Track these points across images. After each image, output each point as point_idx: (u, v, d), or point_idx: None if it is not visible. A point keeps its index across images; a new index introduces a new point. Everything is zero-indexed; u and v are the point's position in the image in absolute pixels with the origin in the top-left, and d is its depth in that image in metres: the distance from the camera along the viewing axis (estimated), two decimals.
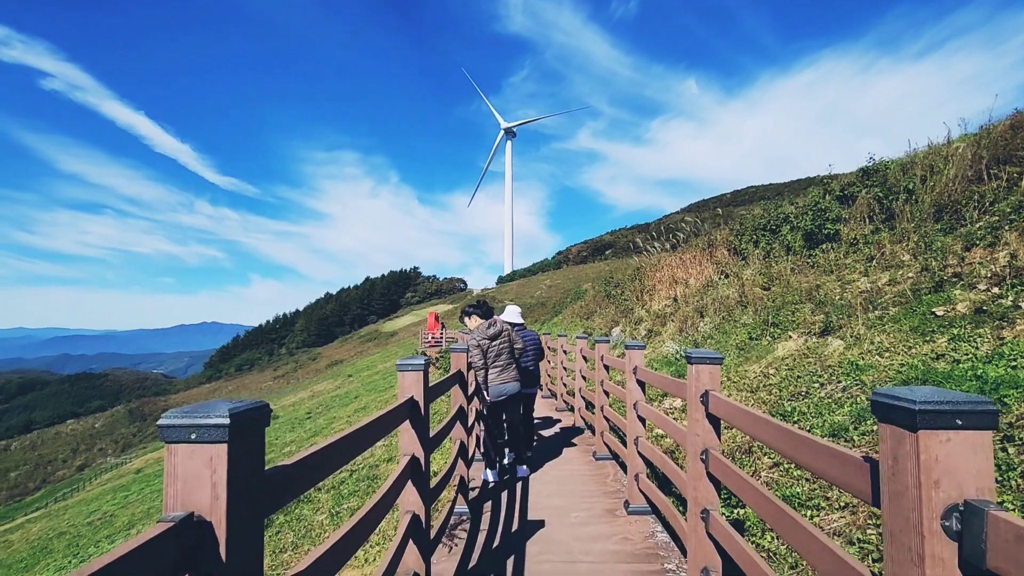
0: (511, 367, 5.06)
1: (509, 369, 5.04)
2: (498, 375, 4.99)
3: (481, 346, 4.96)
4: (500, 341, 5.03)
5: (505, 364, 5.03)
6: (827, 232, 8.61)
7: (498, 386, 5.01)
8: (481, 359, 4.98)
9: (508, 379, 5.02)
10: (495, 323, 5.10)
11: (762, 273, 8.95)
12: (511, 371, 5.05)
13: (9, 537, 19.61)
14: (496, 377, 4.99)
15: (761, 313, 7.52)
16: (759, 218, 11.05)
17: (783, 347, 6.02)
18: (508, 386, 5.01)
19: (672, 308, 10.25)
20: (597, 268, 57.24)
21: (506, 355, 5.04)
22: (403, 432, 2.56)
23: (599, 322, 13.48)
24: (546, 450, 6.06)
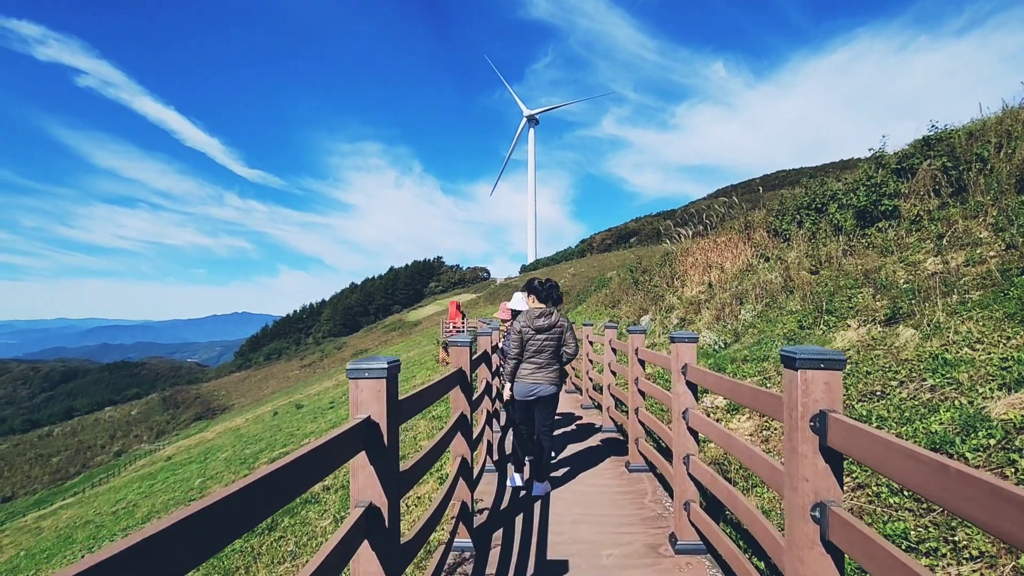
0: (551, 367, 4.30)
1: (547, 369, 4.28)
2: (531, 372, 4.27)
3: (523, 334, 4.24)
4: (548, 337, 4.27)
5: (545, 362, 4.29)
6: (884, 209, 7.72)
7: (528, 384, 4.27)
8: (518, 349, 4.27)
9: (541, 379, 4.26)
10: (551, 314, 4.30)
11: (809, 255, 8.11)
12: (549, 372, 4.28)
13: (41, 524, 20.05)
14: (529, 374, 4.27)
15: (811, 299, 6.73)
16: (802, 197, 10.16)
17: (842, 337, 5.26)
18: (539, 387, 4.26)
19: (706, 295, 9.48)
20: (622, 256, 56.15)
21: (548, 354, 4.28)
22: (355, 471, 1.74)
23: (626, 310, 12.76)
24: (570, 457, 5.35)
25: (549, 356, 4.29)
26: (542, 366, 4.26)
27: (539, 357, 4.27)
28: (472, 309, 57.18)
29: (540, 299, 4.43)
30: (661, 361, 3.64)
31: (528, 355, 4.27)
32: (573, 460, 5.24)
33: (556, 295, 4.49)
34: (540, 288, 4.47)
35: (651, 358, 4.13)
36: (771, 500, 3.49)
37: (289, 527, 6.04)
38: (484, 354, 4.62)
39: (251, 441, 22.39)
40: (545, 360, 4.28)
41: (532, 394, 4.27)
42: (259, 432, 25.19)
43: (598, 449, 5.61)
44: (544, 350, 4.26)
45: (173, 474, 20.46)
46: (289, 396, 44.32)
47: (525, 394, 4.29)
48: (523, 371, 4.28)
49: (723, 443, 2.55)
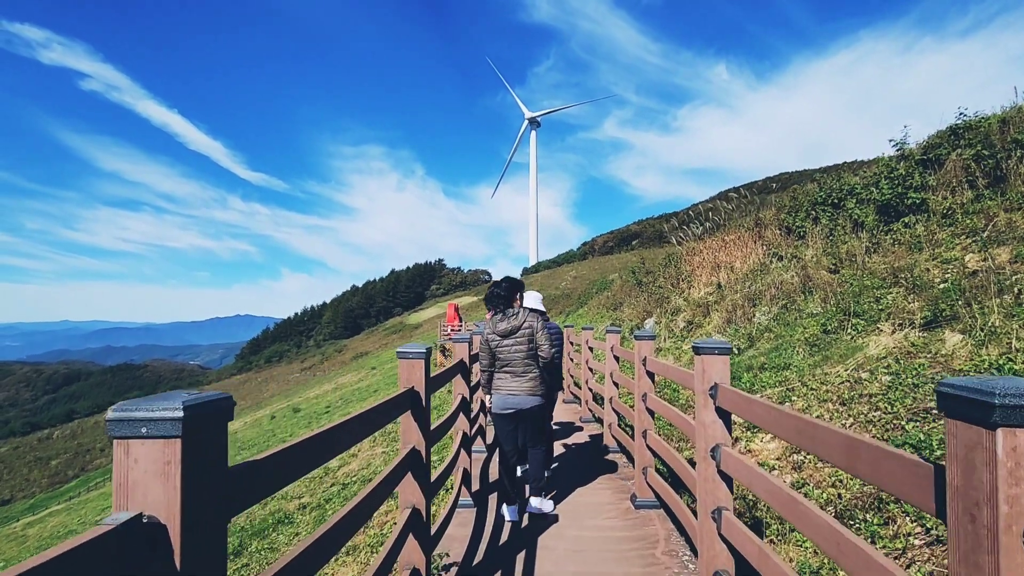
0: (527, 375, 3.74)
1: (523, 378, 3.74)
2: (506, 382, 3.76)
3: (488, 342, 3.81)
4: (516, 341, 3.72)
5: (519, 370, 3.74)
6: (910, 202, 7.10)
7: (503, 396, 3.77)
8: (487, 359, 3.85)
9: (516, 390, 3.73)
10: (515, 314, 3.78)
11: (827, 253, 7.50)
12: (526, 381, 3.74)
13: (28, 531, 19.50)
14: (504, 384, 3.77)
15: (833, 300, 6.11)
16: (816, 193, 9.55)
17: (875, 343, 4.64)
18: (517, 399, 3.72)
19: (715, 296, 8.87)
20: (623, 258, 55.58)
21: (521, 360, 3.73)
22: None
23: (629, 312, 12.15)
24: (565, 483, 4.56)
25: (523, 362, 3.75)
26: (517, 374, 3.75)
27: (511, 365, 3.76)
28: (473, 312, 56.64)
29: (496, 303, 3.89)
30: (679, 377, 2.89)
31: (500, 363, 3.81)
32: (568, 488, 4.44)
33: (500, 293, 3.88)
34: (497, 289, 3.92)
35: (665, 372, 3.37)
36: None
37: (257, 552, 5.44)
38: (460, 364, 3.96)
39: (244, 447, 21.82)
40: (519, 368, 3.75)
41: (510, 407, 3.76)
42: (253, 438, 24.62)
43: (599, 473, 4.82)
44: (515, 356, 3.74)
45: None
46: (288, 399, 43.77)
47: (502, 407, 3.78)
48: (498, 381, 3.83)
49: (772, 498, 1.81)
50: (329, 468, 8.22)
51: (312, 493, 7.05)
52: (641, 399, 3.79)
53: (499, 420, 3.86)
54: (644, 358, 3.78)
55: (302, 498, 6.90)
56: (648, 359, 3.75)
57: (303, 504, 6.47)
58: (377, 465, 7.26)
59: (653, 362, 3.70)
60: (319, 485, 7.35)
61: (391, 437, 9.02)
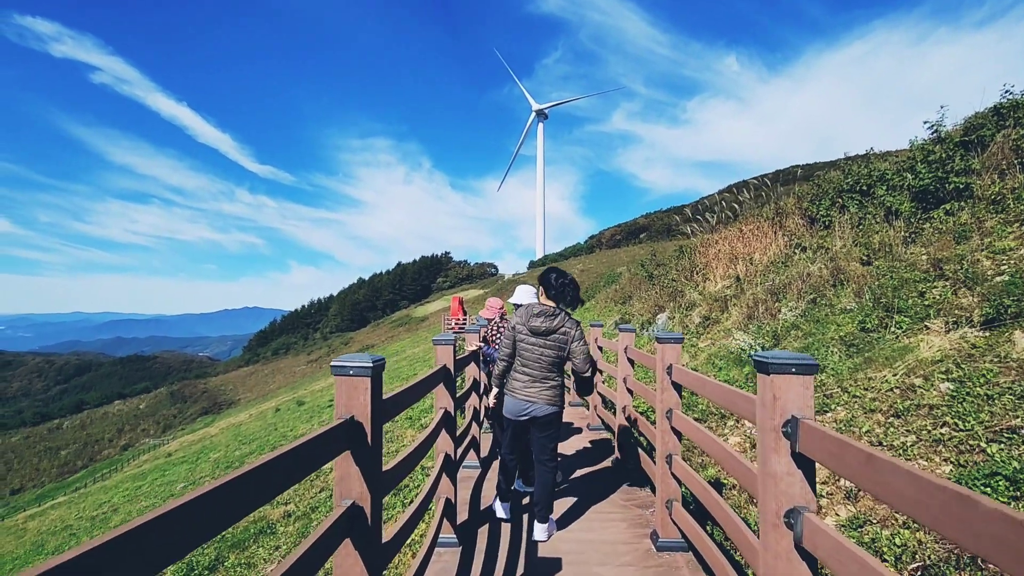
0: (548, 382, 3.36)
1: (543, 384, 3.35)
2: (523, 386, 3.37)
3: (517, 333, 3.39)
4: (546, 344, 3.34)
5: (540, 375, 3.36)
6: (952, 187, 6.48)
7: (519, 401, 3.37)
8: (508, 350, 3.43)
9: (534, 397, 3.34)
10: (552, 315, 3.37)
11: (858, 243, 6.90)
12: (545, 388, 3.35)
13: (28, 525, 19.32)
14: (521, 387, 3.37)
15: (869, 295, 5.53)
16: (842, 180, 8.93)
17: (928, 344, 4.07)
18: (533, 407, 3.34)
19: (734, 290, 8.28)
20: (631, 252, 54.88)
21: (545, 365, 3.35)
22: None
23: (639, 307, 11.57)
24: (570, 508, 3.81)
25: (546, 368, 3.37)
26: (535, 379, 3.36)
27: (532, 367, 3.37)
28: (479, 305, 56.16)
29: (550, 297, 3.48)
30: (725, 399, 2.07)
31: (521, 362, 3.41)
32: (573, 515, 3.71)
33: (571, 295, 3.47)
34: (553, 284, 3.46)
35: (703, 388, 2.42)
36: None
37: (232, 568, 4.97)
38: (442, 371, 3.22)
39: (246, 440, 21.57)
40: (540, 372, 3.36)
41: (525, 413, 3.38)
42: (256, 431, 24.39)
43: (610, 499, 3.99)
44: (540, 360, 3.36)
45: (162, 475, 19.65)
46: (293, 392, 43.65)
47: (516, 412, 3.41)
48: (514, 383, 3.42)
49: None
50: (321, 469, 7.77)
51: (300, 498, 6.59)
52: (665, 416, 3.04)
53: (510, 426, 3.52)
54: (669, 366, 3.02)
55: (288, 504, 6.44)
56: (675, 368, 2.98)
57: (288, 512, 6.01)
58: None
59: (683, 372, 2.88)
60: (308, 488, 6.89)
61: (387, 438, 8.55)
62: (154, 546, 0.88)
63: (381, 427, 1.89)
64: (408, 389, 2.37)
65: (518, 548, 3.16)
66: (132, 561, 0.84)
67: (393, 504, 5.06)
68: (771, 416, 1.68)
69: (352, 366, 1.73)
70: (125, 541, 0.83)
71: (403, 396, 2.25)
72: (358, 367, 1.73)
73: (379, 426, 1.85)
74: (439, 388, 3.24)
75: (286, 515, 5.97)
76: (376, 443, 1.83)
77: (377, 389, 1.81)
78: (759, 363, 1.73)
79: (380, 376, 1.83)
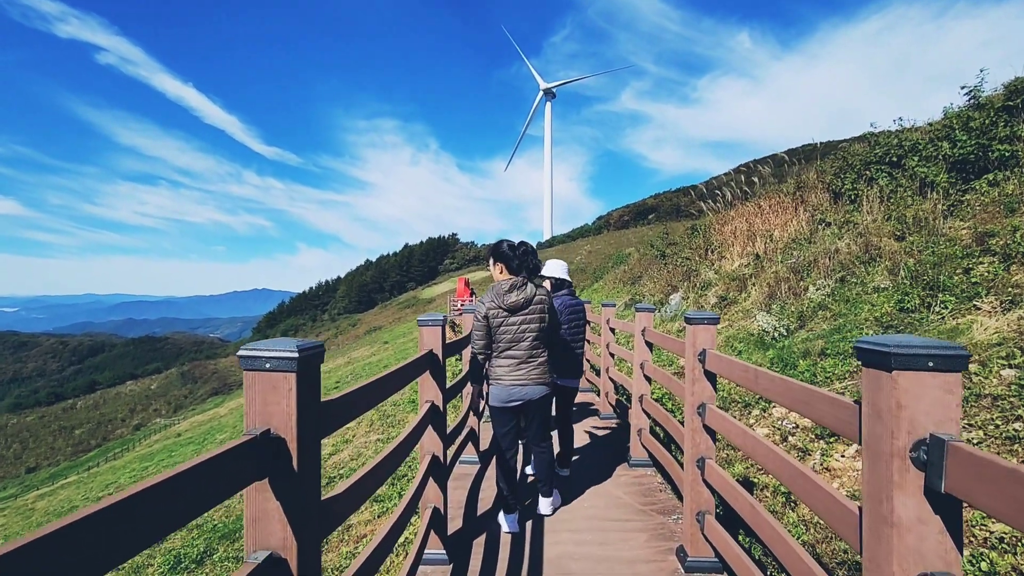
0: (536, 360, 3.13)
1: (531, 364, 3.11)
2: (510, 370, 3.11)
3: (490, 318, 3.09)
4: (526, 318, 3.09)
5: (527, 354, 3.10)
6: (996, 156, 5.96)
7: (506, 387, 3.10)
8: (483, 340, 3.15)
9: (523, 379, 3.10)
10: (523, 286, 3.11)
11: (890, 217, 6.41)
12: (534, 367, 3.11)
13: (37, 504, 19.49)
14: (507, 373, 3.11)
15: (906, 272, 5.08)
16: (868, 152, 8.39)
17: (981, 325, 3.64)
18: (525, 390, 3.10)
19: (753, 268, 7.83)
20: (640, 233, 54.16)
21: (530, 342, 3.10)
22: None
23: (650, 287, 11.14)
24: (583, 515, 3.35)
25: (531, 345, 3.12)
26: (523, 360, 3.11)
27: (518, 348, 3.11)
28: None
29: (511, 268, 3.20)
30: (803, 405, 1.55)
31: (502, 347, 3.12)
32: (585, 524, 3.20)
33: (532, 263, 3.24)
34: (511, 254, 3.20)
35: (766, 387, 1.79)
36: None
37: (220, 562, 4.69)
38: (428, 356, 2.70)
39: None
40: (527, 351, 3.11)
41: (516, 399, 3.13)
42: None
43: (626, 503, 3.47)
44: (523, 337, 3.10)
45: (169, 456, 19.68)
46: None
47: (505, 400, 3.15)
48: (498, 369, 3.15)
49: None
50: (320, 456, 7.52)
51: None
52: (696, 412, 2.52)
53: (499, 415, 3.21)
54: (702, 352, 2.46)
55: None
56: (710, 354, 2.42)
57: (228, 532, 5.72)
58: (368, 455, 6.49)
59: (722, 360, 2.28)
60: None
61: (388, 423, 8.27)
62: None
63: (317, 442, 1.32)
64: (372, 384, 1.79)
65: (520, 564, 2.76)
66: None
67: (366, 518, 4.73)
68: (892, 433, 1.14)
69: (269, 356, 1.16)
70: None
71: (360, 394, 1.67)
72: (278, 358, 1.16)
73: (313, 441, 1.29)
74: (424, 378, 2.72)
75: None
76: (309, 466, 1.27)
77: (309, 389, 1.25)
78: (870, 352, 1.17)
79: (314, 371, 1.28)
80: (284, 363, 1.15)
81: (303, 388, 1.20)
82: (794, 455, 3.31)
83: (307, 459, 1.24)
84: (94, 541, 0.71)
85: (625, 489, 3.74)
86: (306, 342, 1.21)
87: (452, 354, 3.34)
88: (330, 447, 7.86)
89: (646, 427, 4.16)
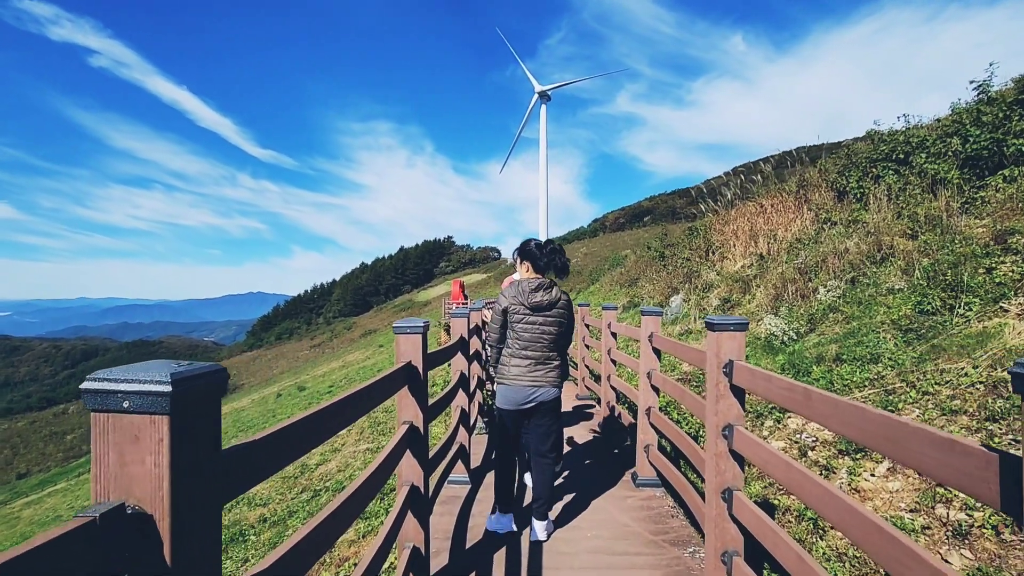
0: (551, 363, 3.03)
1: (546, 366, 3.02)
2: (523, 371, 2.99)
3: (509, 314, 3.02)
4: (547, 320, 3.00)
5: (543, 356, 3.01)
6: (1013, 150, 5.72)
7: (518, 388, 2.99)
8: (497, 335, 3.10)
9: (540, 380, 2.99)
10: (550, 287, 3.04)
11: (902, 215, 6.15)
12: (549, 370, 3.02)
13: (23, 513, 19.02)
14: (521, 374, 2.98)
15: (921, 273, 4.81)
16: (872, 150, 8.15)
17: (1013, 329, 3.37)
18: (538, 392, 3.00)
19: (757, 269, 7.57)
20: (635, 235, 54.10)
21: (547, 344, 3.02)
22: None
23: (648, 289, 10.87)
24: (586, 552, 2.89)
25: (547, 347, 3.02)
26: (540, 361, 3.00)
27: (534, 348, 3.00)
28: (482, 289, 55.64)
29: (537, 268, 3.13)
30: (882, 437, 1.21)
31: (520, 345, 3.00)
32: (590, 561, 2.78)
33: (561, 262, 3.15)
34: (539, 253, 3.12)
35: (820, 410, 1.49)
36: None
37: None
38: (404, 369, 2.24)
39: (244, 427, 21.18)
40: (543, 353, 3.01)
41: (530, 400, 3.00)
42: (255, 417, 24.03)
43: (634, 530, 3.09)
44: (542, 339, 3.00)
45: None
46: (296, 377, 43.35)
47: (517, 402, 3.01)
48: (511, 370, 3.02)
49: None
50: (307, 465, 7.19)
51: (282, 498, 6.00)
52: (721, 434, 2.15)
53: (508, 417, 3.08)
54: (728, 363, 2.10)
55: (267, 504, 5.85)
56: (738, 366, 2.04)
57: (263, 517, 5.41)
58: (356, 467, 6.18)
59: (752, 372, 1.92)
60: (290, 488, 6.30)
61: (380, 431, 7.96)
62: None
63: (214, 515, 0.99)
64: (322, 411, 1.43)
65: None
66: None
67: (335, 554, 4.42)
68: None
69: (128, 392, 0.85)
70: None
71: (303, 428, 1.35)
72: (141, 393, 0.84)
73: (204, 516, 0.95)
74: (402, 394, 2.32)
75: (262, 519, 5.38)
76: (195, 555, 0.91)
77: (195, 437, 0.90)
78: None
79: (208, 408, 0.95)
80: (151, 401, 0.77)
81: (183, 436, 0.80)
82: (815, 472, 3.04)
83: (191, 545, 0.82)
84: None
85: (633, 515, 3.35)
86: (193, 367, 0.83)
87: (437, 364, 3.10)
88: (318, 456, 7.54)
89: (654, 443, 3.78)
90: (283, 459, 1.17)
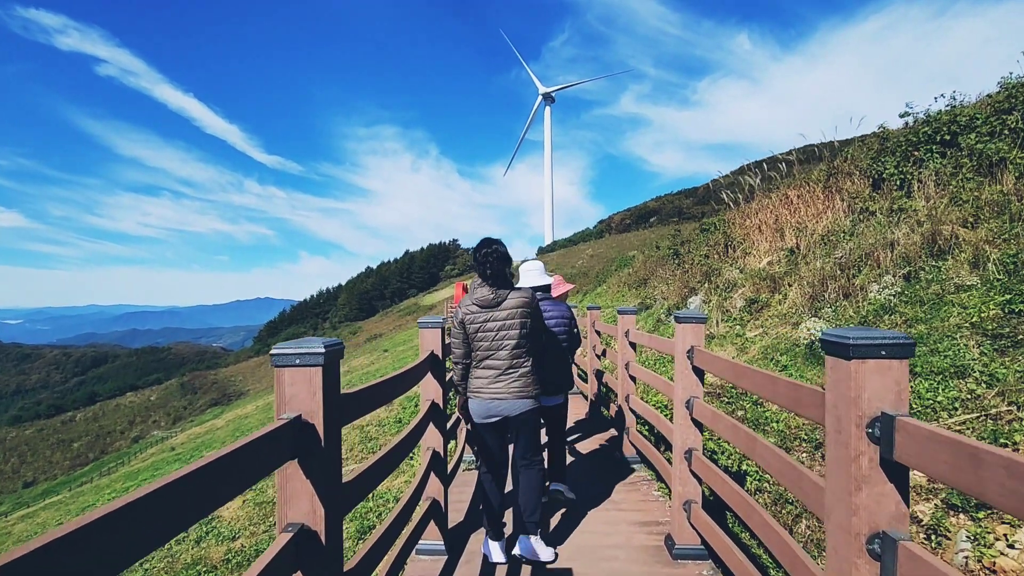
0: (518, 371, 2.80)
1: (512, 374, 2.80)
2: (488, 382, 2.82)
3: (465, 323, 2.85)
4: (505, 324, 2.80)
5: (507, 363, 2.79)
6: None
7: (485, 401, 2.82)
8: (462, 348, 2.91)
9: (503, 392, 2.79)
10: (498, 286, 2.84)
11: (955, 202, 5.38)
12: (515, 379, 2.80)
13: (15, 528, 18.46)
14: (486, 385, 2.82)
15: (996, 266, 4.04)
16: (911, 133, 7.38)
17: None
18: (503, 404, 2.79)
19: (786, 265, 6.80)
20: (641, 236, 53.31)
21: (510, 350, 2.79)
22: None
23: (662, 290, 10.09)
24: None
25: (512, 354, 2.81)
26: (503, 371, 2.81)
27: (496, 358, 2.82)
28: None
29: (484, 277, 2.88)
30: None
31: (480, 356, 2.86)
32: None
33: (492, 262, 2.84)
34: (477, 259, 2.91)
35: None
36: None
37: None
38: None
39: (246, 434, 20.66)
40: (506, 361, 2.81)
41: (494, 414, 2.83)
42: (257, 424, 23.49)
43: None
44: (502, 345, 2.80)
45: (154, 474, 18.67)
46: None
47: (484, 415, 2.86)
48: (477, 382, 2.88)
49: None
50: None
51: (251, 534, 5.29)
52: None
53: (481, 433, 2.95)
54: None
55: (236, 540, 5.15)
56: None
57: (228, 557, 4.69)
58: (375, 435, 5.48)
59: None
60: (261, 522, 5.60)
61: (369, 448, 7.25)
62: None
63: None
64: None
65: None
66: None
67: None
68: None
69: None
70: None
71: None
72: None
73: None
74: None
75: (226, 559, 4.67)
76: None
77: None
78: None
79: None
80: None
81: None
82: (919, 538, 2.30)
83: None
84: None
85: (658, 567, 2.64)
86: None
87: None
88: None
89: (698, 498, 2.69)
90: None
